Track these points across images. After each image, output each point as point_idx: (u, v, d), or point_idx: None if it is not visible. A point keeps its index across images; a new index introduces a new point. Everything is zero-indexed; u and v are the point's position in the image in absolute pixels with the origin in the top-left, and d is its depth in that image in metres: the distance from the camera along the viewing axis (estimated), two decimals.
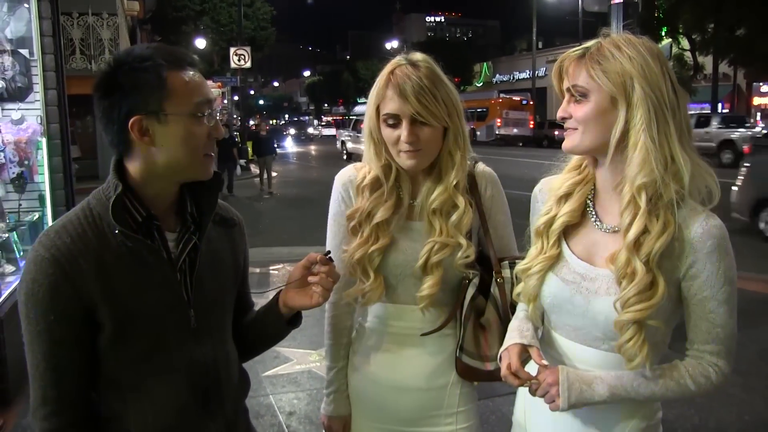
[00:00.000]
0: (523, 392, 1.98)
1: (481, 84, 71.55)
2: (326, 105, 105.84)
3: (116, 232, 1.58)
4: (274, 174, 21.37)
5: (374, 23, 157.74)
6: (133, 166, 1.64)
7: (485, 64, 72.16)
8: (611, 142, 1.69)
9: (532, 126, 44.01)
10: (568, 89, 1.74)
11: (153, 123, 1.57)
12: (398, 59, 2.01)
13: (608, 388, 1.70)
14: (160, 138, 1.59)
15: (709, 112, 31.69)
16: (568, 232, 1.84)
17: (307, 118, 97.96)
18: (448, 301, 2.09)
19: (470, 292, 2.06)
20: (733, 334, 1.70)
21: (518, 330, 1.87)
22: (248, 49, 28.01)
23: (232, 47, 29.27)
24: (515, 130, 44.36)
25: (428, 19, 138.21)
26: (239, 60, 27.95)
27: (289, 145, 52.09)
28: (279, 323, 1.89)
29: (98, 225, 1.60)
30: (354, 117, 39.02)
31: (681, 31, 32.23)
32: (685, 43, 32.68)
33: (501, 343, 1.96)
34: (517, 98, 47.03)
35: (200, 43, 37.53)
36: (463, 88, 69.36)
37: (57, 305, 1.54)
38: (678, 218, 1.66)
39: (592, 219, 1.82)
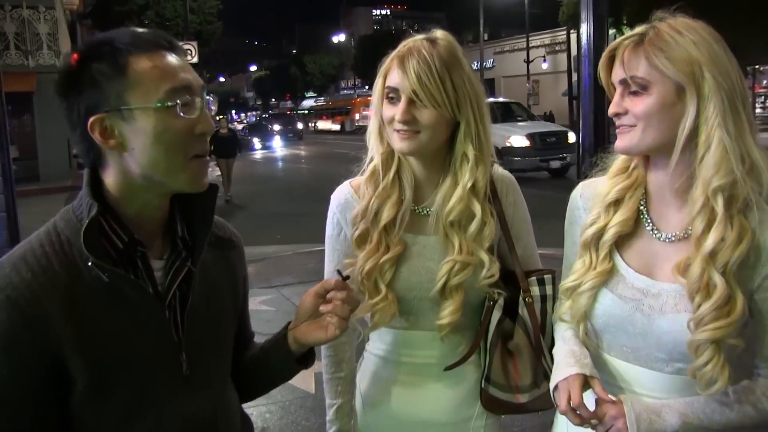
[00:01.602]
0: (563, 423, 1.75)
1: None
2: (274, 99, 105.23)
3: (89, 264, 1.28)
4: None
5: (321, 16, 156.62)
6: (109, 179, 1.35)
7: None
8: (679, 139, 1.48)
9: None
10: (623, 81, 1.53)
11: (117, 122, 1.29)
12: (420, 35, 1.79)
13: (679, 416, 1.50)
14: (128, 140, 1.30)
15: None
16: (620, 243, 1.64)
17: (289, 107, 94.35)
18: (469, 325, 1.85)
19: (496, 315, 1.82)
20: None
21: (575, 357, 1.63)
22: (195, 44, 27.40)
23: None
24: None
25: (374, 12, 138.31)
26: (186, 55, 27.41)
27: (278, 146, 41.03)
28: (288, 362, 1.61)
29: (68, 254, 1.30)
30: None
31: (625, 22, 32.74)
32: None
33: (533, 372, 1.78)
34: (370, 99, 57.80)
35: None
36: None
37: (12, 360, 1.23)
38: (752, 223, 1.47)
39: (648, 228, 1.61)
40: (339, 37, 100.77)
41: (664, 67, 1.46)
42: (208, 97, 1.42)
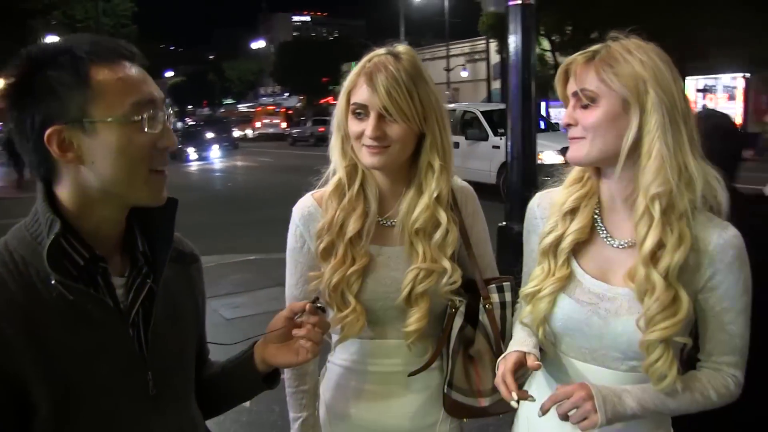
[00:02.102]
0: (524, 422, 1.86)
1: None
2: (191, 106, 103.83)
3: (52, 282, 1.22)
4: None
5: (239, 22, 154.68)
6: (64, 193, 1.30)
7: (353, 63, 71.13)
8: (623, 150, 1.59)
9: (282, 127, 60.22)
10: (575, 93, 1.63)
11: (77, 134, 1.25)
12: (381, 49, 1.81)
13: (637, 401, 1.60)
14: (88, 153, 1.26)
15: None
16: (576, 250, 1.73)
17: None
18: (432, 332, 1.89)
19: (458, 322, 1.87)
20: (747, 343, 1.67)
21: (519, 342, 1.73)
22: None
23: None
24: (270, 130, 60.18)
25: (294, 18, 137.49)
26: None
27: (216, 157, 34.75)
28: (253, 381, 1.61)
29: (23, 274, 1.24)
30: None
31: (542, 32, 33.48)
32: (545, 44, 33.85)
33: (494, 376, 1.80)
34: (271, 107, 68.06)
35: (52, 39, 35.26)
36: (332, 88, 69.62)
37: None
38: (693, 229, 1.59)
39: (602, 235, 1.71)
40: (258, 44, 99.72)
41: (611, 82, 1.57)
42: (168, 110, 1.38)
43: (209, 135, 38.63)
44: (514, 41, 5.88)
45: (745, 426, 2.18)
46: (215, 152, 35.74)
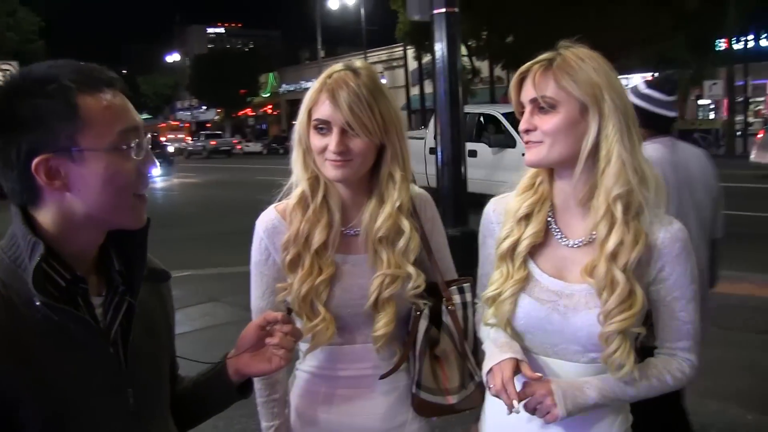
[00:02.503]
0: (491, 415, 1.93)
1: (268, 94, 71.34)
2: None
3: (37, 304, 1.23)
4: None
5: (153, 36, 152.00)
6: (45, 217, 1.31)
7: (271, 74, 71.73)
8: (582, 154, 1.68)
9: (185, 140, 63.63)
10: (534, 100, 1.70)
11: (65, 162, 1.26)
12: (338, 65, 1.87)
13: (598, 391, 1.70)
14: (76, 181, 1.27)
15: None
16: (533, 252, 1.81)
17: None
18: (398, 335, 1.95)
19: (423, 324, 1.92)
20: (699, 327, 1.78)
21: (507, 345, 1.78)
22: (15, 63, 25.66)
23: None
24: (176, 145, 60.46)
25: (209, 30, 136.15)
26: (3, 76, 25.52)
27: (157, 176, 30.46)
28: (228, 392, 1.63)
29: (5, 296, 1.24)
30: None
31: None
32: (462, 49, 34.42)
33: (460, 374, 1.94)
34: (175, 123, 72.53)
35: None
36: (250, 100, 69.05)
37: None
38: (645, 226, 1.69)
39: (557, 236, 1.80)
40: (173, 57, 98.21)
41: (570, 88, 1.65)
42: (147, 135, 1.41)
43: None
44: (440, 48, 5.95)
45: None
46: (156, 170, 33.55)
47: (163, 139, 58.22)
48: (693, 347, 1.78)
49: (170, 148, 45.21)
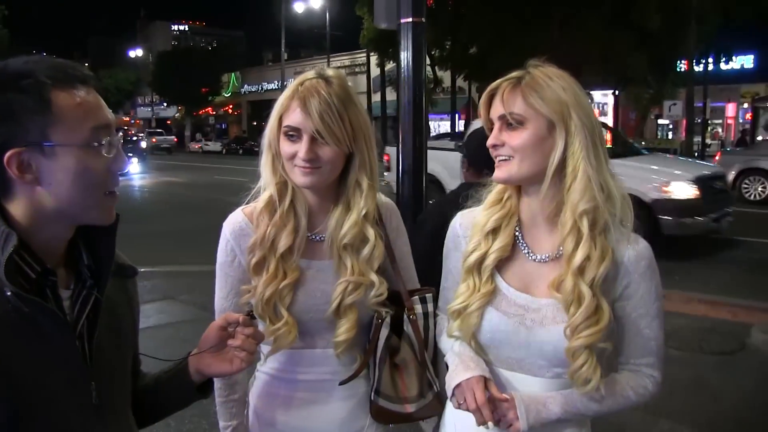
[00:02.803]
0: (450, 424, 1.95)
1: (230, 94, 70.86)
2: None
3: (8, 294, 1.25)
4: None
5: (117, 30, 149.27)
6: (17, 209, 1.33)
7: (233, 74, 71.25)
8: (549, 170, 1.70)
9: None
10: (502, 116, 1.72)
11: (36, 157, 1.28)
12: (310, 72, 1.87)
13: (561, 406, 1.73)
14: (47, 175, 1.29)
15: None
16: (500, 266, 1.82)
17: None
18: (359, 342, 1.96)
19: (384, 332, 1.94)
20: (663, 344, 1.81)
21: (474, 361, 1.80)
22: None
23: None
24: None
25: (173, 27, 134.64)
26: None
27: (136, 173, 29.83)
28: (188, 391, 1.66)
29: None
30: None
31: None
32: (426, 59, 34.59)
33: (419, 383, 1.95)
34: (126, 119, 72.13)
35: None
36: (211, 99, 68.50)
37: None
38: (610, 242, 1.71)
39: (524, 251, 1.82)
40: (136, 52, 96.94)
41: (538, 106, 1.68)
42: (119, 133, 1.45)
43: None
44: (405, 57, 5.99)
45: None
46: (134, 167, 31.33)
47: (140, 134, 55.63)
48: (657, 364, 1.81)
49: (143, 144, 43.51)
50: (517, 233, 1.83)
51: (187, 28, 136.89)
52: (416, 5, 5.87)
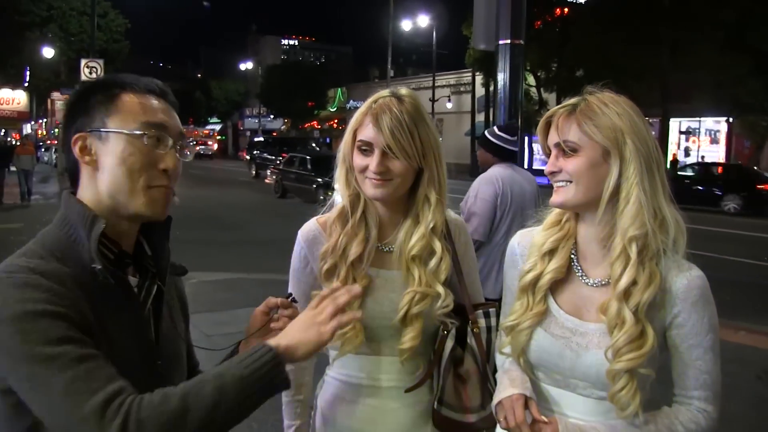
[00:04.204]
0: None
1: (335, 109, 71.89)
2: None
3: (98, 268, 1.40)
4: None
5: (228, 42, 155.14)
6: (84, 196, 1.50)
7: (339, 89, 72.44)
8: (604, 195, 1.72)
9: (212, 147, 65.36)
10: (558, 144, 1.76)
11: (94, 141, 1.48)
12: (385, 91, 1.98)
13: None
14: (101, 157, 1.48)
15: None
16: (553, 287, 1.85)
17: None
18: (423, 351, 2.03)
19: (449, 343, 2.01)
20: (719, 379, 1.76)
21: (519, 380, 1.84)
22: (101, 62, 26.48)
23: (83, 59, 27.60)
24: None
25: (283, 41, 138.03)
26: (90, 73, 26.07)
27: None
28: None
29: (68, 263, 1.40)
30: None
31: (528, 68, 33.92)
32: (531, 80, 34.30)
33: (481, 394, 1.99)
34: (206, 132, 76.79)
35: (47, 52, 35.80)
36: (317, 113, 69.68)
37: (64, 323, 1.29)
38: (662, 269, 1.71)
39: (578, 274, 1.84)
40: (246, 65, 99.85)
41: (592, 133, 1.71)
42: (191, 142, 1.61)
43: None
44: (502, 78, 6.09)
45: None
46: None
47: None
48: (711, 398, 1.76)
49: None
50: (572, 256, 1.86)
51: (296, 43, 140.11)
52: (515, 27, 5.97)
